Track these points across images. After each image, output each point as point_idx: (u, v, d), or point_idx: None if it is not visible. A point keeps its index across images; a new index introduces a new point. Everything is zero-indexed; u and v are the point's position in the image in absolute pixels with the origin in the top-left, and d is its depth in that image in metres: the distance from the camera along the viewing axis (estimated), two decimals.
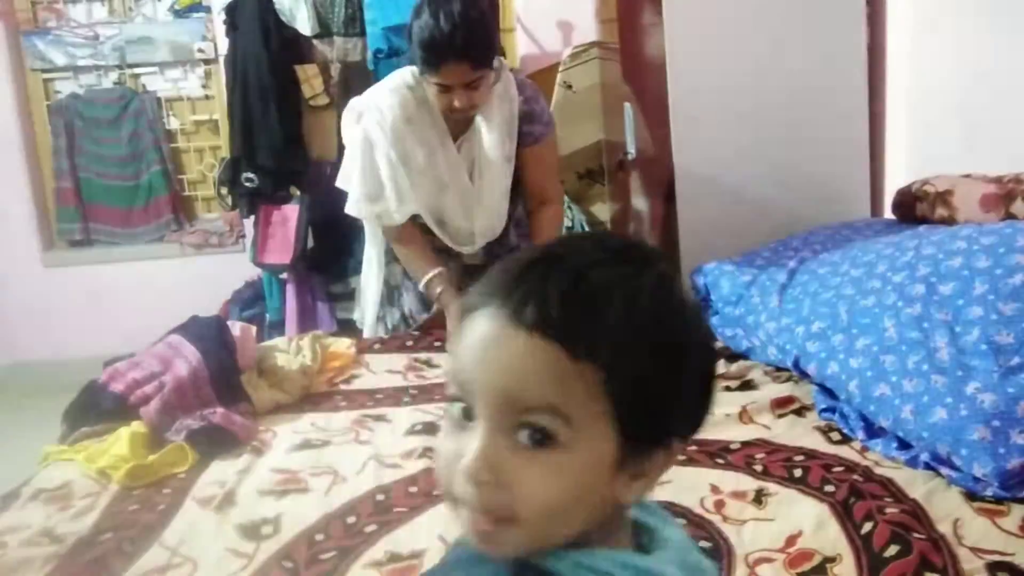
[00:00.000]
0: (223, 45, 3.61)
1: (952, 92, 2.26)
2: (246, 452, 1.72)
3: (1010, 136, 2.04)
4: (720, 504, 1.40)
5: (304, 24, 3.37)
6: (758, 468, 1.50)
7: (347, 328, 2.96)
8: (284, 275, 3.58)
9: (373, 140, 2.13)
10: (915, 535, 1.24)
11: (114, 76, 4.07)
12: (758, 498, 1.41)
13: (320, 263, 3.56)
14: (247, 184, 3.49)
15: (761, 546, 1.27)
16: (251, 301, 3.74)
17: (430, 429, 1.74)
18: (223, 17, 3.49)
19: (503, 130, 2.15)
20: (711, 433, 1.64)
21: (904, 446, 1.49)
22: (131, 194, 4.12)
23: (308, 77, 3.41)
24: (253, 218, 3.59)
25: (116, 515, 1.53)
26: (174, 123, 4.10)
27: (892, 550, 1.22)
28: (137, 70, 4.07)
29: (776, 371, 1.88)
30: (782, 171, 2.54)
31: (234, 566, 1.35)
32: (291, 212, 3.52)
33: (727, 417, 1.69)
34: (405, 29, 2.10)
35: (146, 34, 4.03)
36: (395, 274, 2.35)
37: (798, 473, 1.47)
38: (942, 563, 1.18)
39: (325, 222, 3.43)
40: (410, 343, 2.24)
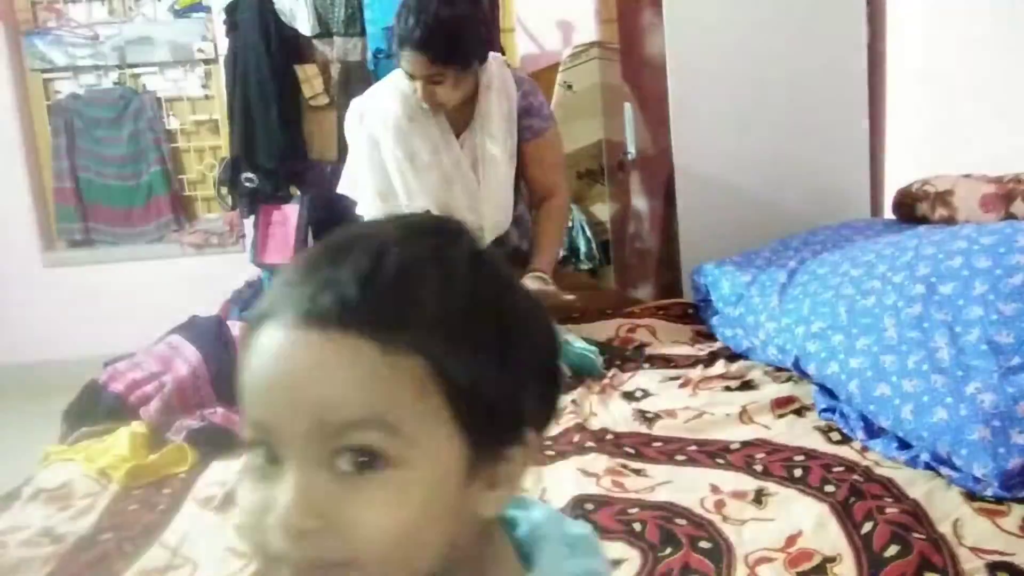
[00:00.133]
0: (223, 45, 3.61)
1: (952, 92, 2.26)
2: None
3: (1011, 136, 2.04)
4: (720, 504, 1.40)
5: (304, 24, 3.37)
6: (758, 468, 1.50)
7: None
8: None
9: (378, 139, 2.14)
10: (915, 535, 1.24)
11: (114, 76, 4.06)
12: (758, 498, 1.40)
13: None
14: (247, 184, 3.48)
15: (761, 546, 1.27)
16: (251, 301, 3.72)
17: None
18: (223, 17, 3.48)
19: (503, 126, 2.16)
20: (711, 433, 1.64)
21: (904, 446, 1.49)
22: (131, 194, 4.12)
23: (308, 77, 3.41)
24: (253, 218, 3.58)
25: (116, 515, 1.53)
26: (174, 123, 4.09)
27: (892, 550, 1.22)
28: (137, 70, 4.06)
29: (776, 371, 1.88)
30: (782, 171, 2.54)
31: (234, 566, 1.34)
32: (291, 212, 3.51)
33: (727, 417, 1.69)
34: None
35: (146, 34, 4.02)
36: None
37: (798, 473, 1.46)
38: (942, 563, 1.18)
39: (325, 222, 3.42)
40: None
